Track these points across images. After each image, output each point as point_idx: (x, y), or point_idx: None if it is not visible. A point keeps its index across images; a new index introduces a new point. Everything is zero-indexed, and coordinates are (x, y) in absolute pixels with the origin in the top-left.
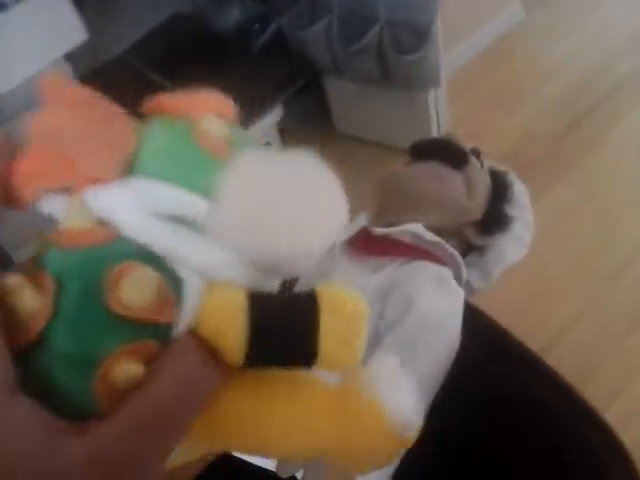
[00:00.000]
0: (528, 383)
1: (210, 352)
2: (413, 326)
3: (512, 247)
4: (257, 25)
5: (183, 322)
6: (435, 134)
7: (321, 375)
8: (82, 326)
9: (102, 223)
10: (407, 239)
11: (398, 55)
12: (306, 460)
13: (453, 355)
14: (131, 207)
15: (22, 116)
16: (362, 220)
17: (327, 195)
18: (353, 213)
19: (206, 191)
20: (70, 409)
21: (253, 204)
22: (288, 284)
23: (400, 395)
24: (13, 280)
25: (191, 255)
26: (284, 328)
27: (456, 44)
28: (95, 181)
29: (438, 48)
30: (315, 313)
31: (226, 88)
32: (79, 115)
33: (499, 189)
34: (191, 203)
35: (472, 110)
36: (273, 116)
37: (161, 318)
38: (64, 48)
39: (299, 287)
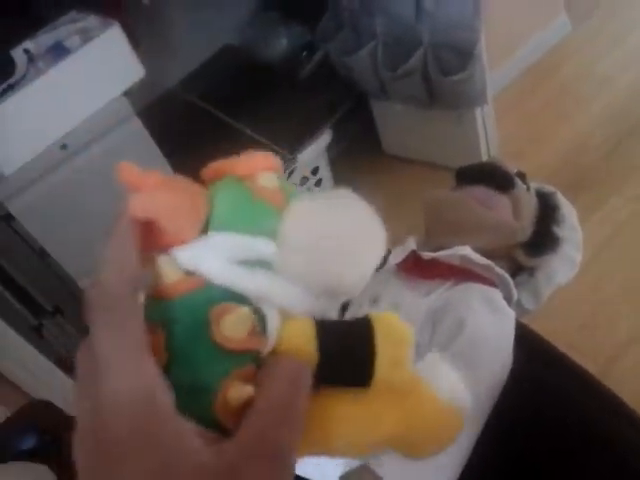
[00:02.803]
0: (580, 402)
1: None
2: (465, 347)
3: (562, 267)
4: (304, 53)
5: (268, 348)
6: (484, 152)
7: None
8: (193, 361)
9: (190, 274)
10: (456, 262)
11: (443, 76)
12: (373, 453)
13: (506, 374)
14: (214, 257)
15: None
16: (411, 244)
17: (369, 226)
18: (403, 230)
19: (272, 235)
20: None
21: (311, 242)
22: (342, 306)
23: (449, 379)
24: None
25: (270, 292)
26: (347, 352)
27: (503, 60)
28: (181, 242)
29: (483, 66)
30: (372, 339)
31: (276, 115)
32: (165, 192)
33: (547, 210)
34: (261, 247)
35: (521, 126)
36: (322, 140)
37: (256, 346)
38: (123, 86)
39: (352, 311)
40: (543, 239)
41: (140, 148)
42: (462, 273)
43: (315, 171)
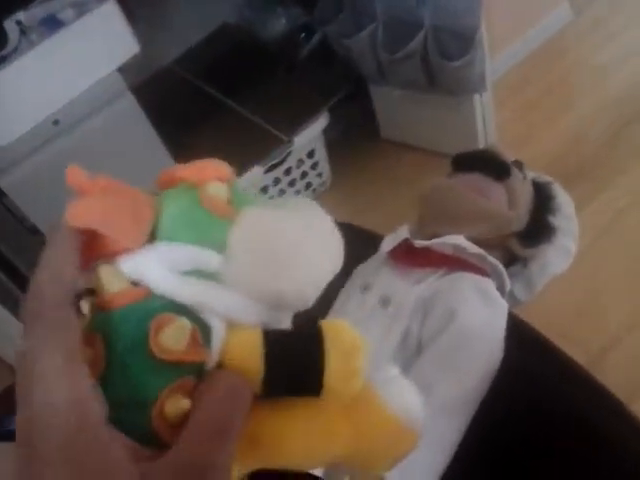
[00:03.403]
0: (570, 394)
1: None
2: (455, 337)
3: (556, 258)
4: (302, 34)
5: (212, 360)
6: (481, 139)
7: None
8: (131, 373)
9: (135, 284)
10: (449, 251)
11: (443, 61)
12: (329, 466)
13: (496, 364)
14: (158, 267)
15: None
16: (404, 232)
17: (325, 236)
18: (398, 217)
19: (219, 246)
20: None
21: (259, 252)
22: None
23: (405, 394)
24: None
25: (213, 303)
26: (294, 363)
27: (503, 47)
28: (125, 251)
29: (484, 53)
30: (320, 349)
31: (272, 96)
32: (106, 199)
33: (543, 200)
34: (207, 258)
35: (520, 114)
36: (319, 123)
37: (196, 358)
38: (117, 61)
39: (342, 300)
40: (538, 229)
41: (133, 125)
42: (455, 262)
43: (311, 154)
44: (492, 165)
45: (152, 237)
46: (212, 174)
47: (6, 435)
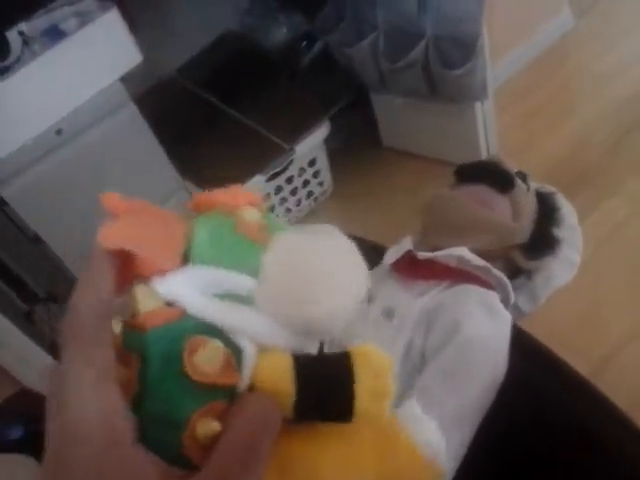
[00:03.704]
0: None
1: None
2: (460, 349)
3: (560, 269)
4: (304, 43)
5: (243, 383)
6: (483, 147)
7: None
8: (164, 393)
9: (169, 305)
10: (453, 263)
11: (445, 69)
12: None
13: (500, 377)
14: (192, 290)
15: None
16: (407, 244)
17: (353, 263)
18: (400, 225)
19: (252, 270)
20: (164, 460)
21: (292, 277)
22: None
23: (426, 432)
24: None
25: (245, 326)
26: (325, 386)
27: (504, 55)
28: (161, 272)
29: (485, 61)
30: (350, 372)
31: (274, 105)
32: (139, 220)
33: (547, 211)
34: (241, 282)
35: (522, 121)
36: (320, 132)
37: (229, 381)
38: (120, 71)
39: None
40: (542, 241)
41: (135, 135)
42: (458, 274)
43: (313, 163)
44: (496, 176)
45: (185, 260)
46: (245, 199)
47: (6, 445)
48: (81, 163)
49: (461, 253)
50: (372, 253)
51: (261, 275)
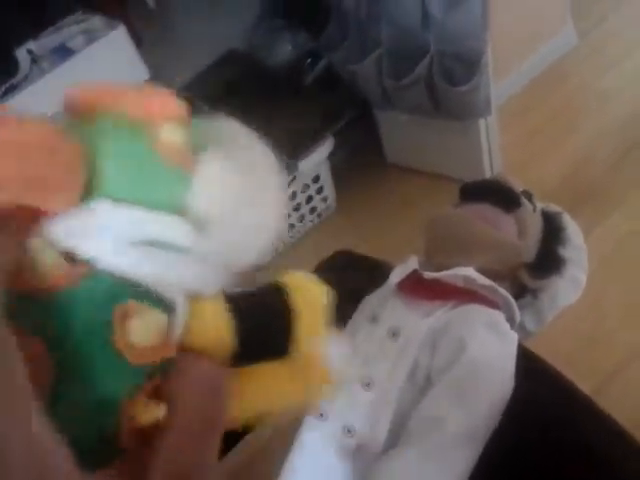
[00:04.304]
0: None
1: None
2: (465, 370)
3: (566, 289)
4: (308, 60)
5: (177, 339)
6: (486, 163)
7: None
8: (90, 375)
9: (73, 259)
10: (459, 282)
11: (449, 86)
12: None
13: (507, 396)
14: (100, 236)
15: None
16: (413, 263)
17: (274, 190)
18: (405, 241)
19: (176, 207)
20: (91, 455)
21: (228, 218)
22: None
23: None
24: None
25: (178, 277)
26: (263, 328)
27: (508, 71)
28: (55, 214)
29: (489, 78)
30: (287, 307)
31: (278, 122)
32: (12, 155)
33: (552, 231)
34: (166, 225)
35: (525, 138)
36: (324, 148)
37: (167, 355)
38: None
39: (350, 331)
40: (548, 260)
41: None
42: (464, 294)
43: (316, 179)
44: (501, 195)
45: (87, 193)
46: (163, 111)
47: None
48: None
49: (467, 273)
50: (376, 271)
51: (191, 215)
